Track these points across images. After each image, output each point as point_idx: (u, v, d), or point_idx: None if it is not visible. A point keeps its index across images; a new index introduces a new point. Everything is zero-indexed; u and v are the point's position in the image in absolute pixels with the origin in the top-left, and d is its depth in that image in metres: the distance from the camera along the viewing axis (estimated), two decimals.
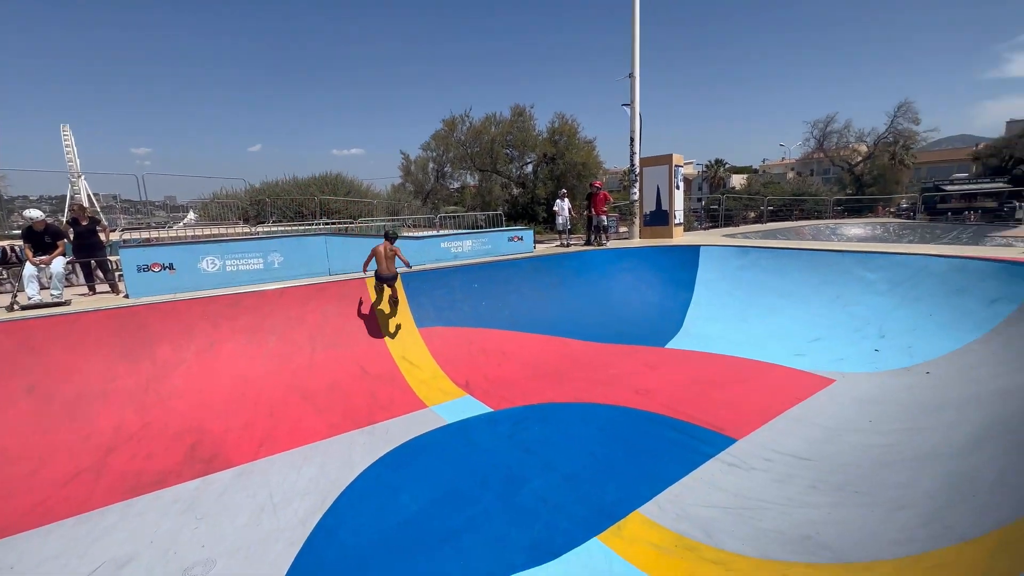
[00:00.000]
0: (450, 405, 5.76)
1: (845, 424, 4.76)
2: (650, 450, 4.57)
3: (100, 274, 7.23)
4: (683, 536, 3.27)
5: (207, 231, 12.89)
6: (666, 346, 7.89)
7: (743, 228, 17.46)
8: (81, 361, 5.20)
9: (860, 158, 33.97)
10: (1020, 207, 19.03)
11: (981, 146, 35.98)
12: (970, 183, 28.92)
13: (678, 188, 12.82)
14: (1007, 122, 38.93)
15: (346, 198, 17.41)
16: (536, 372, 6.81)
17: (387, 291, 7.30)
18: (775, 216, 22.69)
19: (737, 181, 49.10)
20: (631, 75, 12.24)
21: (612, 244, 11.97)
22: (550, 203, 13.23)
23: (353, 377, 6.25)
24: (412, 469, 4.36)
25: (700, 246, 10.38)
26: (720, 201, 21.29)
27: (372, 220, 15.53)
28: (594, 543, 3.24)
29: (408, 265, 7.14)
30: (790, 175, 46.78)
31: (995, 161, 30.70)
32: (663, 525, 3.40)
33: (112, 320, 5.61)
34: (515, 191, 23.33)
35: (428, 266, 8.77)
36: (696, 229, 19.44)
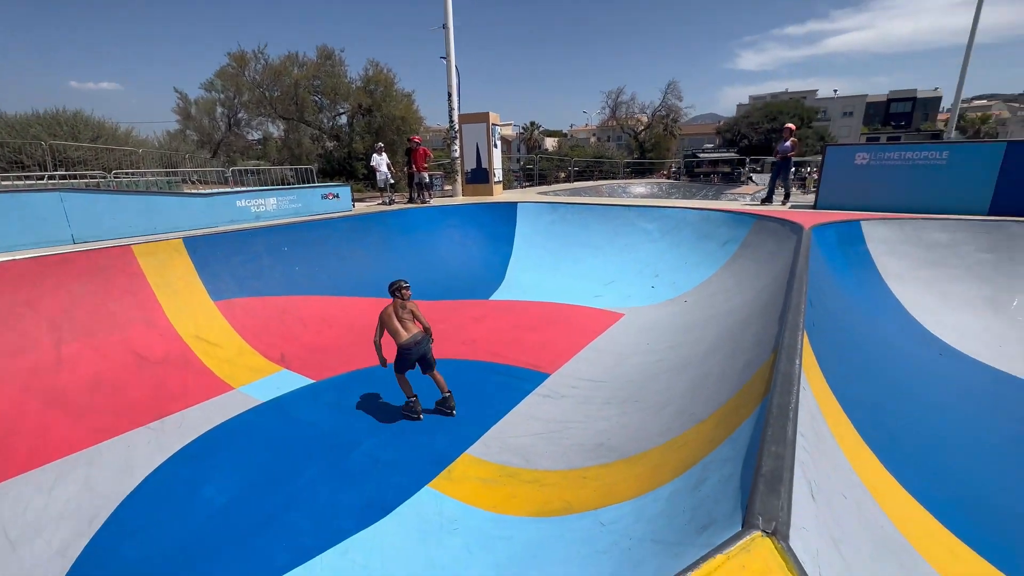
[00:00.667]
0: (263, 383, 5.17)
1: (631, 349, 5.77)
2: (478, 395, 4.85)
3: None
4: (505, 465, 3.61)
5: None
6: (490, 298, 8.35)
7: (554, 187, 19.17)
8: None
9: (642, 127, 39.96)
10: (743, 172, 25.10)
11: (721, 123, 45.71)
12: (714, 152, 36.76)
13: (496, 147, 13.29)
14: (737, 105, 50.19)
15: (93, 145, 13.45)
16: (362, 336, 6.52)
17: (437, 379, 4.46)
18: (580, 176, 25.44)
19: (550, 144, 53.26)
20: (444, 26, 11.94)
21: (436, 202, 11.92)
22: (369, 158, 12.42)
23: (125, 367, 5.08)
24: (217, 459, 3.83)
25: (518, 203, 11.06)
26: (535, 161, 22.86)
27: (138, 173, 12.42)
28: (425, 491, 3.35)
29: (427, 330, 4.43)
30: (592, 140, 52.55)
31: (730, 135, 39.50)
32: (488, 460, 3.69)
33: None
34: (329, 144, 21.21)
35: (222, 228, 7.48)
36: (515, 187, 20.63)
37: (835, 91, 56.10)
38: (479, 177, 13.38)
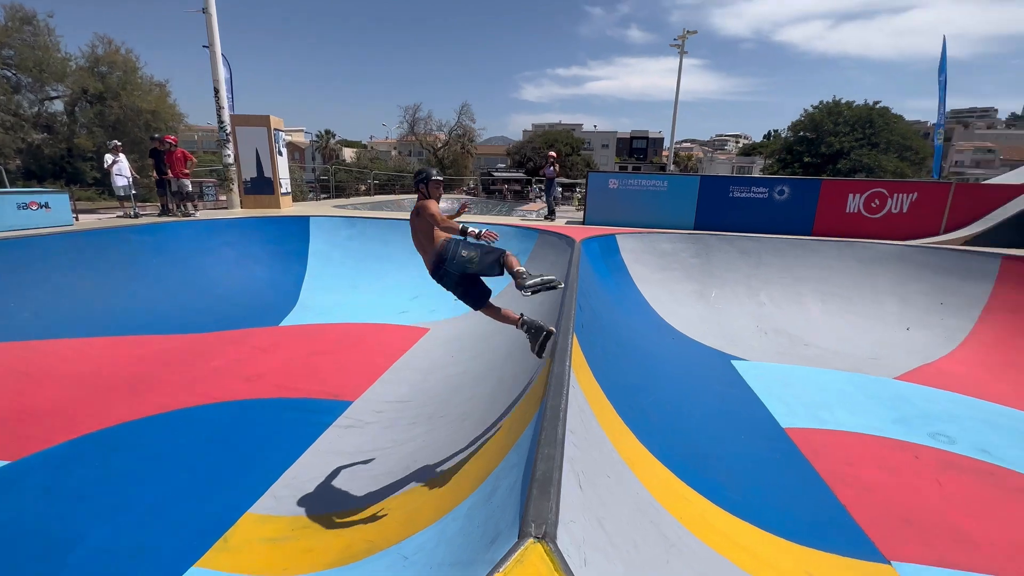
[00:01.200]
0: None
1: (436, 363, 5.80)
2: (264, 439, 4.20)
3: None
4: (301, 516, 3.19)
5: None
6: (281, 324, 7.40)
7: (354, 200, 18.27)
8: None
9: (441, 144, 41.47)
10: (530, 191, 28.33)
11: (511, 146, 50.71)
12: (506, 171, 40.49)
13: (281, 155, 11.96)
14: (523, 130, 56.31)
15: None
16: (95, 389, 5.01)
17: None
18: (382, 189, 24.88)
19: (349, 154, 50.74)
20: (204, 10, 10.23)
21: (207, 214, 10.07)
22: (101, 159, 9.74)
23: None
24: None
25: (310, 217, 10.14)
26: (330, 172, 21.43)
27: None
28: (190, 574, 2.70)
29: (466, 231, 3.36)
30: (394, 153, 52.11)
31: (518, 157, 44.08)
32: (278, 514, 3.20)
33: None
34: (35, 137, 15.97)
35: None
36: (309, 199, 18.94)
37: (595, 126, 68.10)
38: (262, 187, 11.82)
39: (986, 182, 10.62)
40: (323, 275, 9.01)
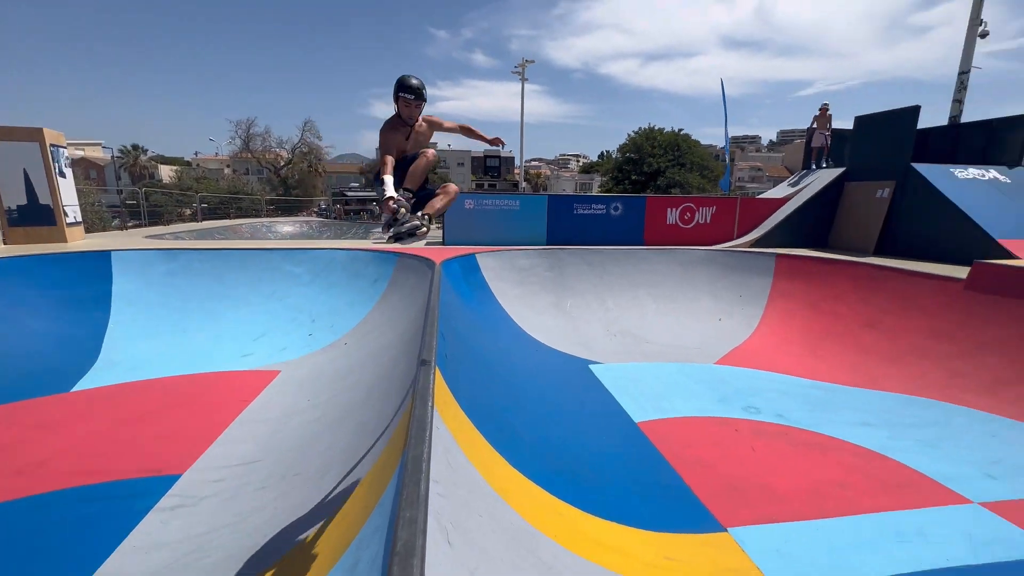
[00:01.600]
0: None
1: (290, 410, 5.16)
2: (50, 551, 3.23)
3: None
4: None
5: None
6: (75, 389, 5.88)
7: (174, 227, 15.63)
8: None
9: (283, 163, 38.03)
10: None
11: (365, 164, 48.77)
12: (361, 191, 38.73)
13: (63, 176, 9.67)
14: (376, 149, 54.79)
15: None
16: None
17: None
18: (212, 214, 21.77)
19: (167, 173, 43.56)
20: None
21: None
22: None
23: None
24: None
25: (111, 251, 8.34)
26: (139, 195, 18.05)
27: None
28: None
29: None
30: (228, 172, 46.20)
31: (373, 176, 42.58)
32: None
33: None
34: None
35: None
36: (115, 229, 15.67)
37: (449, 145, 69.28)
38: (36, 217, 9.39)
39: (759, 196, 13.43)
40: (135, 322, 7.45)
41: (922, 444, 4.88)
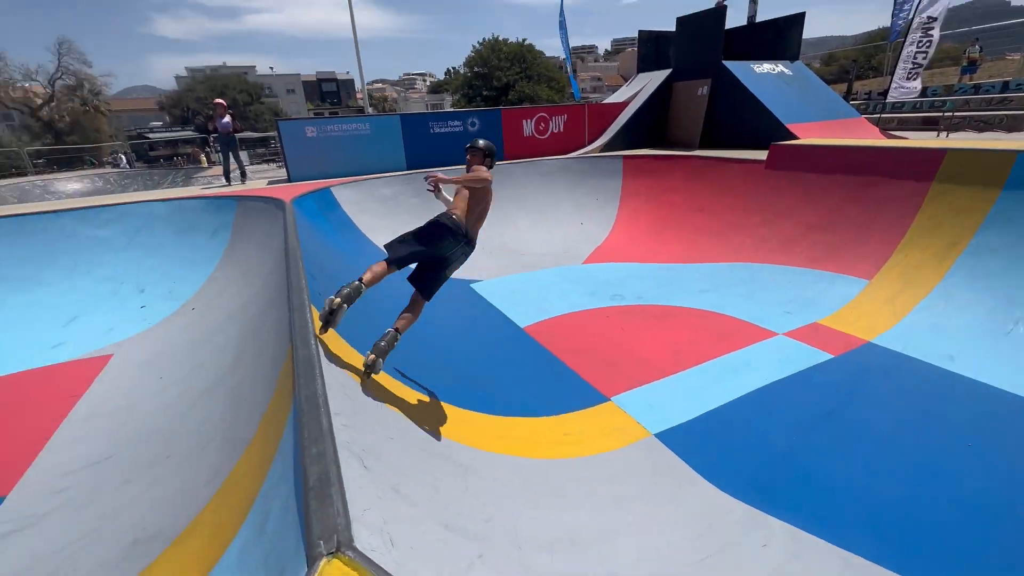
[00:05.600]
0: None
1: (136, 394, 4.42)
2: None
3: None
4: None
5: None
6: None
7: None
8: None
9: (41, 101, 29.17)
10: (210, 152, 23.16)
11: (163, 97, 39.66)
12: (168, 132, 31.81)
13: None
14: (176, 77, 44.38)
15: None
16: None
17: None
18: None
19: None
20: None
21: None
22: None
23: None
24: None
25: None
26: None
27: None
28: None
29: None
30: None
31: (178, 112, 34.99)
32: None
33: None
34: None
35: None
36: None
37: (271, 68, 59.26)
38: None
39: (603, 102, 14.11)
40: None
41: (742, 298, 6.03)
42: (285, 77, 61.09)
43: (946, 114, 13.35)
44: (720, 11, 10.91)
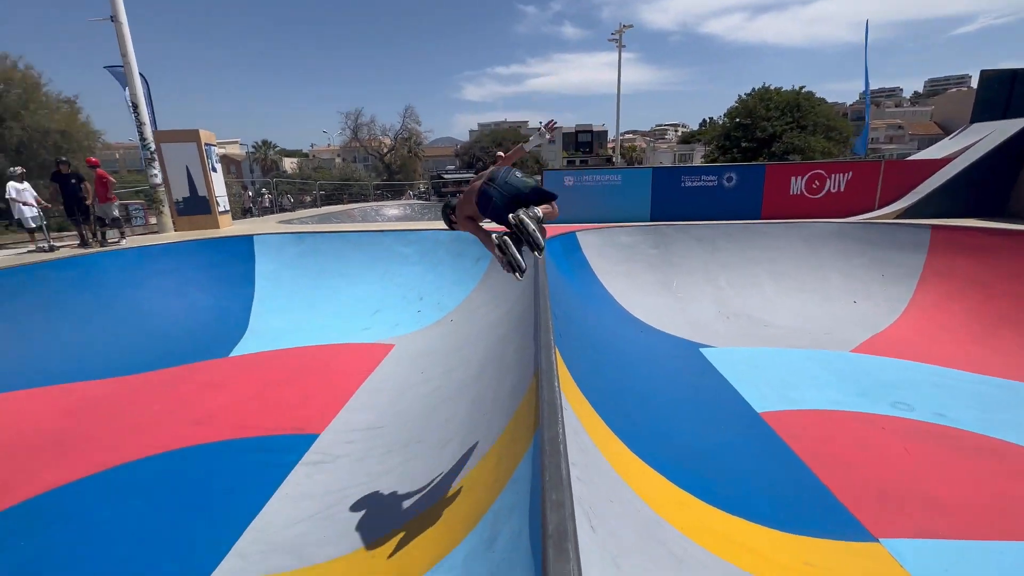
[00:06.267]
0: None
1: (405, 381, 5.52)
2: (223, 488, 3.80)
3: None
4: (274, 574, 2.88)
5: None
6: (231, 354, 6.86)
7: (299, 213, 17.42)
8: None
9: (387, 149, 40.47)
10: None
11: (459, 147, 50.23)
12: (456, 173, 40.07)
13: (215, 171, 11.16)
14: (469, 131, 55.87)
15: None
16: (15, 452, 4.40)
17: None
18: (328, 200, 23.93)
19: (289, 165, 48.61)
20: (114, 19, 9.35)
21: (137, 241, 9.24)
22: (3, 189, 8.69)
23: None
24: None
25: (254, 235, 9.49)
26: (271, 185, 20.35)
27: None
28: None
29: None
30: (338, 161, 50.35)
31: (467, 157, 43.75)
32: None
33: None
34: None
35: None
36: (255, 216, 17.90)
37: (540, 122, 68.41)
38: (196, 207, 10.99)
39: (911, 158, 11.42)
40: (274, 297, 8.45)
41: None
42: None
43: None
44: None
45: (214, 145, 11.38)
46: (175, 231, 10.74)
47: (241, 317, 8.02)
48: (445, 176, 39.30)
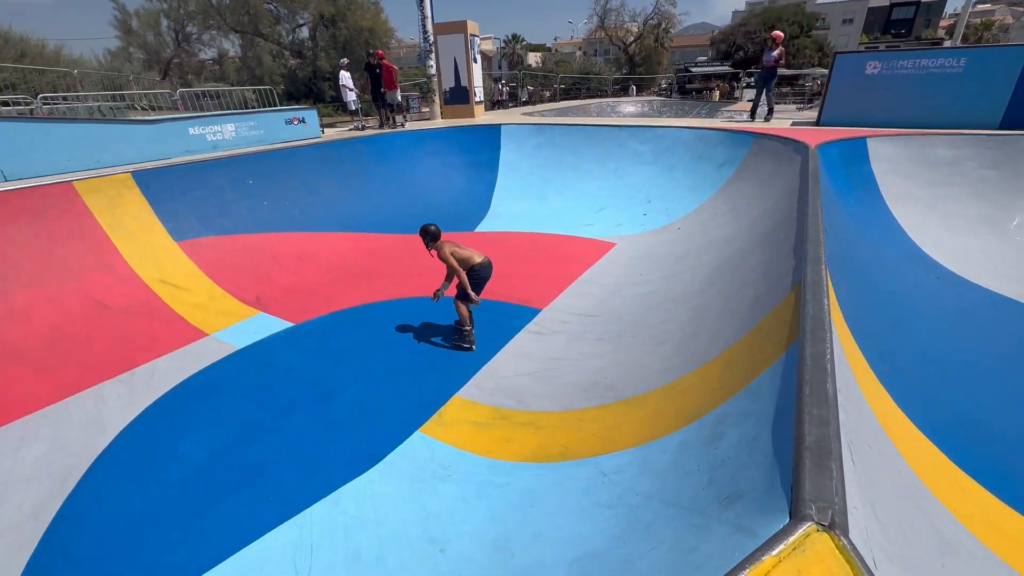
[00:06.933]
0: (238, 328, 4.88)
1: (623, 280, 5.56)
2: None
3: None
4: (498, 408, 3.49)
5: None
6: (475, 230, 7.96)
7: (540, 107, 17.99)
8: None
9: (632, 39, 37.24)
10: (738, 87, 23.84)
11: (715, 33, 42.78)
12: (707, 66, 34.69)
13: (476, 62, 12.14)
14: (733, 12, 46.61)
15: (18, 65, 11.92)
16: (342, 275, 6.20)
17: None
18: (567, 94, 23.93)
19: (533, 59, 49.65)
20: None
21: (412, 125, 11.06)
22: (335, 77, 11.27)
23: (85, 317, 4.73)
24: (194, 411, 3.63)
25: (501, 125, 10.28)
26: (518, 79, 21.29)
27: (73, 98, 11.12)
28: (416, 437, 3.22)
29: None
30: (578, 54, 49.09)
31: (724, 47, 37.10)
32: (480, 402, 3.56)
33: None
34: (291, 62, 19.31)
35: (176, 160, 6.79)
36: (508, 106, 19.33)
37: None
38: (458, 97, 12.36)
39: None
40: (513, 184, 9.25)
41: None
42: (846, 5, 52.77)
43: None
44: None
45: (477, 37, 12.24)
46: (442, 118, 12.41)
47: (485, 199, 9.09)
48: (693, 70, 34.46)
